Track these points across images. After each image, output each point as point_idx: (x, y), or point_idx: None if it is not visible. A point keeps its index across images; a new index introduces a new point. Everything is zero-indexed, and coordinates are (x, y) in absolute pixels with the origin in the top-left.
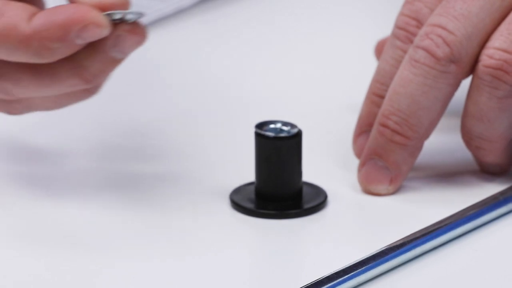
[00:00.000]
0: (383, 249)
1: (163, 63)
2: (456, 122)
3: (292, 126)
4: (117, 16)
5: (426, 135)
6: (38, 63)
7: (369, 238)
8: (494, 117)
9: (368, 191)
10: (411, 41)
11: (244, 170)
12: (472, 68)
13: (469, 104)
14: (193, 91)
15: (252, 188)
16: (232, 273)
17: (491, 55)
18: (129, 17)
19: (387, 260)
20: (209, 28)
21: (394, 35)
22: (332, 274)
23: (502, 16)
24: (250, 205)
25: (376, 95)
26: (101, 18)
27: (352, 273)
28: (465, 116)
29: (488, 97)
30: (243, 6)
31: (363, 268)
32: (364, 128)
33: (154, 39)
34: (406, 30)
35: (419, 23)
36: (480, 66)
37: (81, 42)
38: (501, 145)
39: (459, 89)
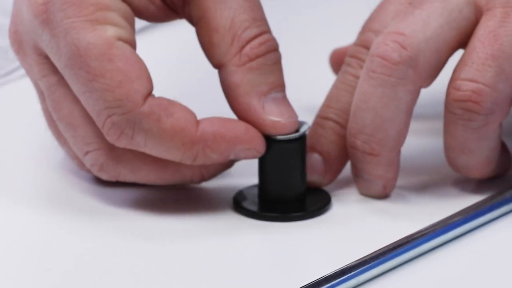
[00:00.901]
0: (382, 249)
1: (167, 62)
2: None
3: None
4: (279, 139)
5: (397, 145)
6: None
7: (373, 240)
8: (475, 148)
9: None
10: (362, 67)
11: (248, 173)
12: (430, 77)
13: (447, 138)
14: (195, 92)
15: (256, 190)
16: (236, 275)
17: (458, 87)
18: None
19: (386, 260)
20: None
21: (345, 64)
22: (331, 274)
23: (459, 28)
24: (254, 208)
25: (323, 117)
26: (263, 144)
27: (351, 273)
28: (447, 149)
29: (464, 129)
30: None
31: (362, 268)
32: (311, 149)
33: (159, 38)
34: (357, 58)
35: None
36: (450, 100)
37: (233, 158)
38: (488, 167)
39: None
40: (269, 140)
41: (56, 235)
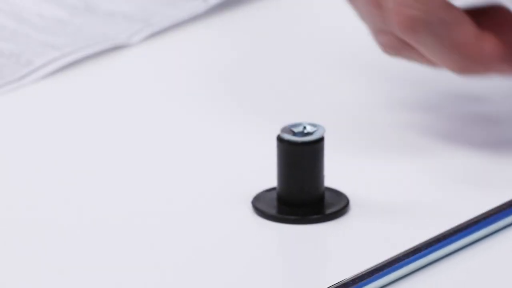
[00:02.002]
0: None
1: (176, 68)
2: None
3: (315, 127)
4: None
5: None
6: None
7: (392, 242)
8: None
9: None
10: None
11: (266, 175)
12: None
13: None
14: (207, 97)
15: (274, 194)
16: (255, 278)
17: None
18: None
19: (405, 265)
20: (223, 33)
21: None
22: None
23: None
24: (272, 211)
25: None
26: None
27: (369, 278)
28: None
29: None
30: (257, 10)
31: (380, 273)
32: None
33: (167, 45)
34: None
35: None
36: None
37: None
38: None
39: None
40: (287, 142)
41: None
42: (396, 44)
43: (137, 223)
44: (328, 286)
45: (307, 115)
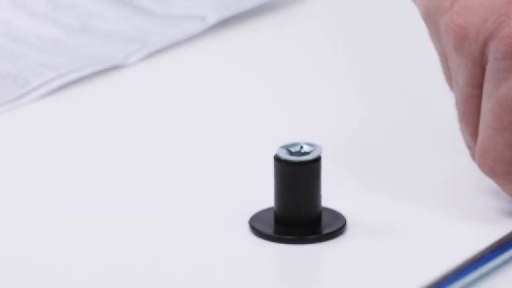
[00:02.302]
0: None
1: (173, 88)
2: None
3: (312, 146)
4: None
5: None
6: None
7: (389, 263)
8: None
9: None
10: None
11: (263, 195)
12: None
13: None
14: (204, 117)
15: (271, 213)
16: None
17: None
18: None
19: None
20: (220, 53)
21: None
22: None
23: None
24: (269, 231)
25: None
26: None
27: None
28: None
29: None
30: (254, 31)
31: None
32: None
33: (165, 65)
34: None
35: None
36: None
37: None
38: None
39: None
40: (284, 161)
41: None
42: None
43: (134, 241)
44: None
45: (304, 135)
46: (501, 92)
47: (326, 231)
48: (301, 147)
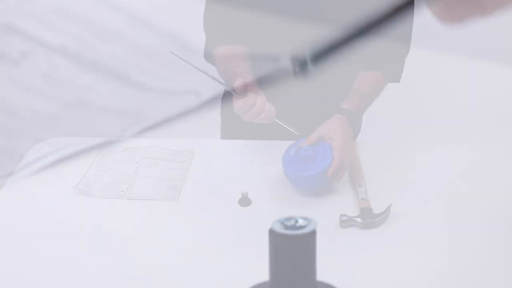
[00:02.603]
0: None
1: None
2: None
3: (307, 220)
4: (289, 234)
5: None
6: None
7: None
8: None
9: None
10: None
11: (259, 270)
12: None
13: None
14: (200, 195)
15: (267, 287)
16: None
17: None
18: None
19: None
20: (216, 125)
21: None
22: None
23: None
24: None
25: None
26: None
27: None
28: None
29: None
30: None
31: None
32: None
33: (158, 138)
34: None
35: None
36: None
37: None
38: None
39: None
40: (279, 235)
41: None
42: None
43: None
44: None
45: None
46: None
47: None
48: (296, 221)
